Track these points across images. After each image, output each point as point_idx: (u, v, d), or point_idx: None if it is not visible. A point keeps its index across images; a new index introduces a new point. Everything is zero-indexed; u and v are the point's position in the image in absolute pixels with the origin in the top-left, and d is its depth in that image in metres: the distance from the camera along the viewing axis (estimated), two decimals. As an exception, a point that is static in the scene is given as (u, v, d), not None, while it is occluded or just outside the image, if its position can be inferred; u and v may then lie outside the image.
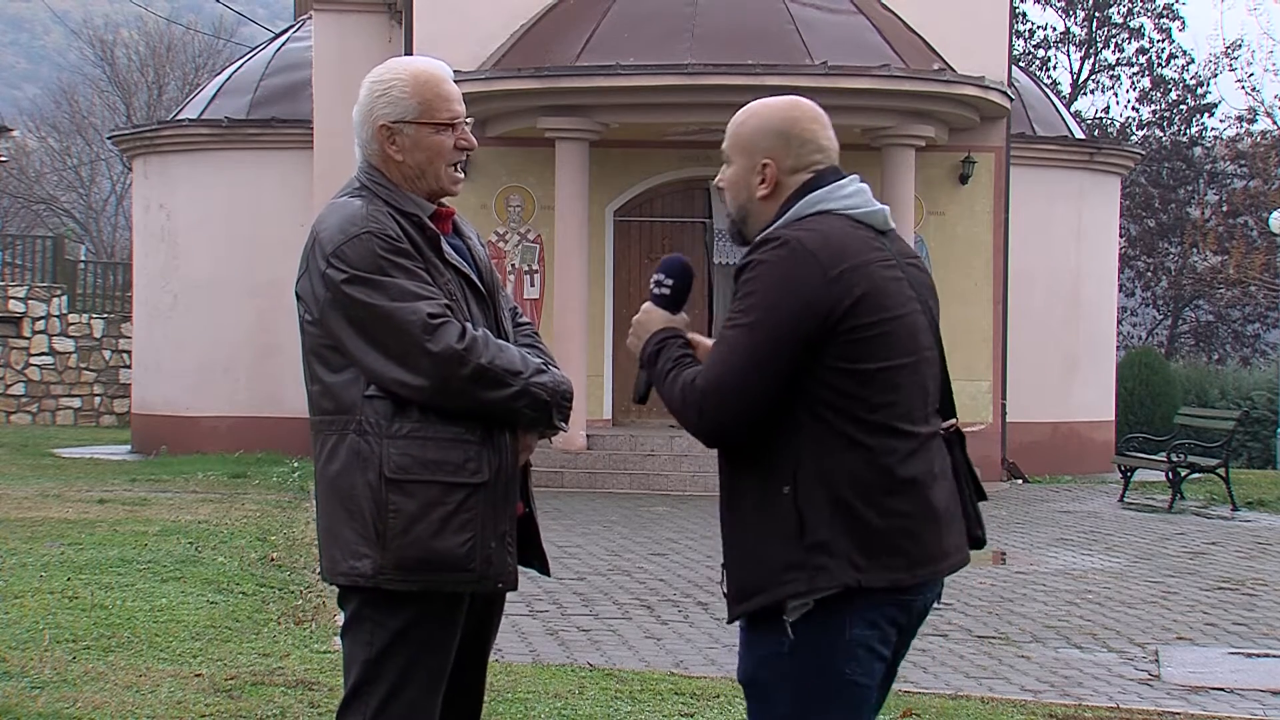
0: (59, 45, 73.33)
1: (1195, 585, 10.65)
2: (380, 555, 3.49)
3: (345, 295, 3.49)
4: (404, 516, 3.48)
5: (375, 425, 3.50)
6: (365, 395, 3.51)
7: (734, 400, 3.18)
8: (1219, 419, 19.06)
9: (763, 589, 3.23)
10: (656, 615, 8.83)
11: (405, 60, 3.74)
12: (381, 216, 3.55)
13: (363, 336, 3.49)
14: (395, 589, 3.50)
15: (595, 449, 17.23)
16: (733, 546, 3.32)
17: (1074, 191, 21.43)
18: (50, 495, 14.06)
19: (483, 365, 3.48)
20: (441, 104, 3.63)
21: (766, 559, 3.23)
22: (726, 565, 3.35)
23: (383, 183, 3.63)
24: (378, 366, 3.49)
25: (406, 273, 3.50)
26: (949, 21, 18.66)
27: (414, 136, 3.62)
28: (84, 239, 46.83)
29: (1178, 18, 41.64)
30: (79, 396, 29.20)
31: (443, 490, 3.49)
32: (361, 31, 19.99)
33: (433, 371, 3.46)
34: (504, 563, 3.58)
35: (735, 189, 3.43)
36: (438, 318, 3.47)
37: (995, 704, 6.78)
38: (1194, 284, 39.74)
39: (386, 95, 3.62)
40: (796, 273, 3.18)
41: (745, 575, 3.28)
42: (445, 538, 3.49)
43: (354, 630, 3.59)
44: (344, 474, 3.53)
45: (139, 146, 22.87)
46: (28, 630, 7.28)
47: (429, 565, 3.49)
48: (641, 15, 17.67)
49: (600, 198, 18.58)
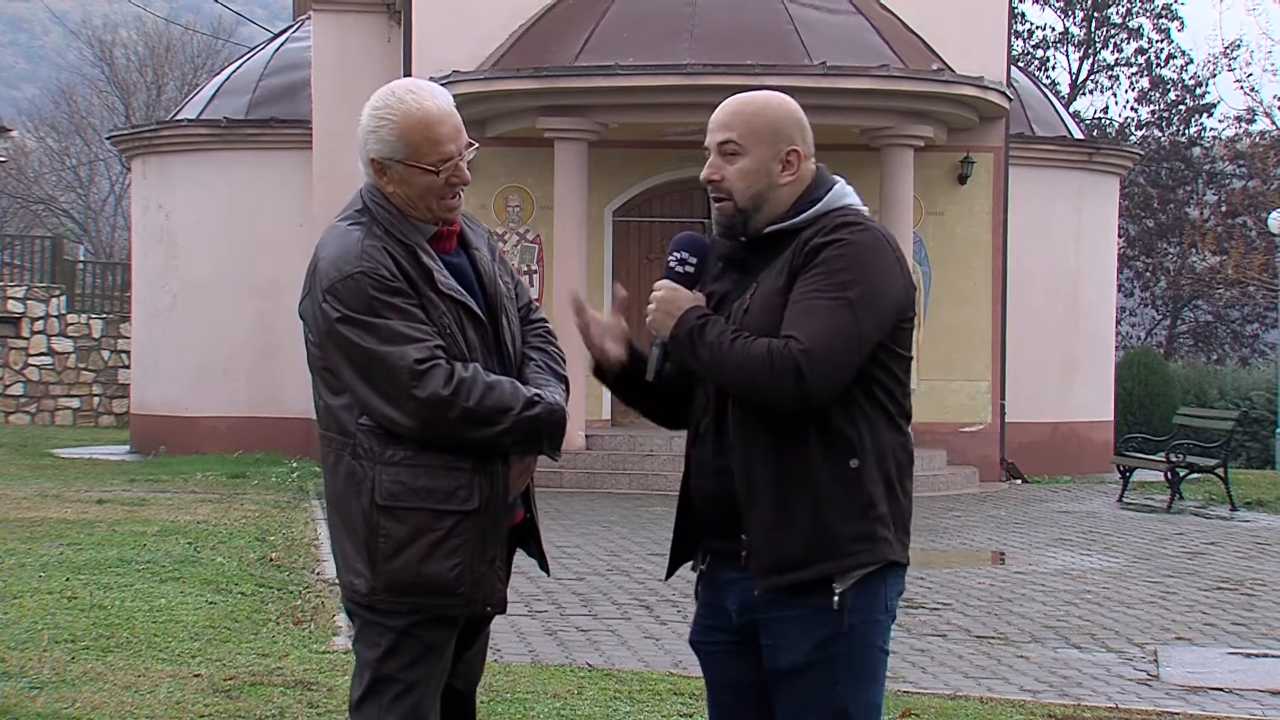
0: (58, 45, 73.28)
1: (1194, 585, 10.64)
2: (372, 577, 3.57)
3: (339, 333, 3.54)
4: (394, 541, 3.54)
5: (369, 451, 3.56)
6: (359, 423, 3.57)
7: (839, 367, 3.26)
8: (1218, 419, 19.06)
9: (819, 559, 3.29)
10: (655, 615, 8.83)
11: (404, 94, 3.63)
12: (376, 253, 3.54)
13: (356, 372, 3.54)
14: (386, 610, 3.58)
15: (594, 449, 17.22)
16: (779, 517, 3.31)
17: (1073, 192, 21.43)
18: (49, 495, 14.06)
19: (469, 408, 3.51)
20: (429, 148, 3.60)
21: (830, 530, 3.30)
22: (756, 536, 3.33)
23: (384, 205, 3.64)
24: (371, 401, 3.54)
25: (399, 312, 3.52)
26: (948, 22, 18.66)
27: (402, 174, 3.61)
28: (83, 239, 46.83)
29: (1176, 18, 41.66)
30: (78, 397, 29.20)
31: (432, 517, 3.54)
32: (361, 31, 19.98)
33: (419, 415, 3.50)
34: (493, 587, 3.63)
35: (753, 177, 3.42)
36: (425, 363, 3.49)
37: (994, 704, 6.78)
38: (1193, 284, 39.76)
39: (377, 134, 3.61)
40: (887, 256, 3.34)
41: (796, 545, 3.30)
42: (434, 563, 3.54)
43: (363, 636, 3.66)
44: (343, 495, 3.61)
45: (138, 146, 22.86)
46: (27, 630, 7.28)
47: (417, 589, 3.55)
48: (641, 15, 17.66)
49: (599, 198, 18.58)
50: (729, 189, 3.44)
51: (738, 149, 3.44)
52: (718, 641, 3.52)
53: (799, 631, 3.33)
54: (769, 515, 3.32)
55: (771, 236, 3.42)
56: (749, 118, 3.46)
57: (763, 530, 3.33)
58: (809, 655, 3.32)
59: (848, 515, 3.31)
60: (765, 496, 3.33)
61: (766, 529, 3.33)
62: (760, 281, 3.39)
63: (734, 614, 3.45)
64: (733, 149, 3.44)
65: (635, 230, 19.33)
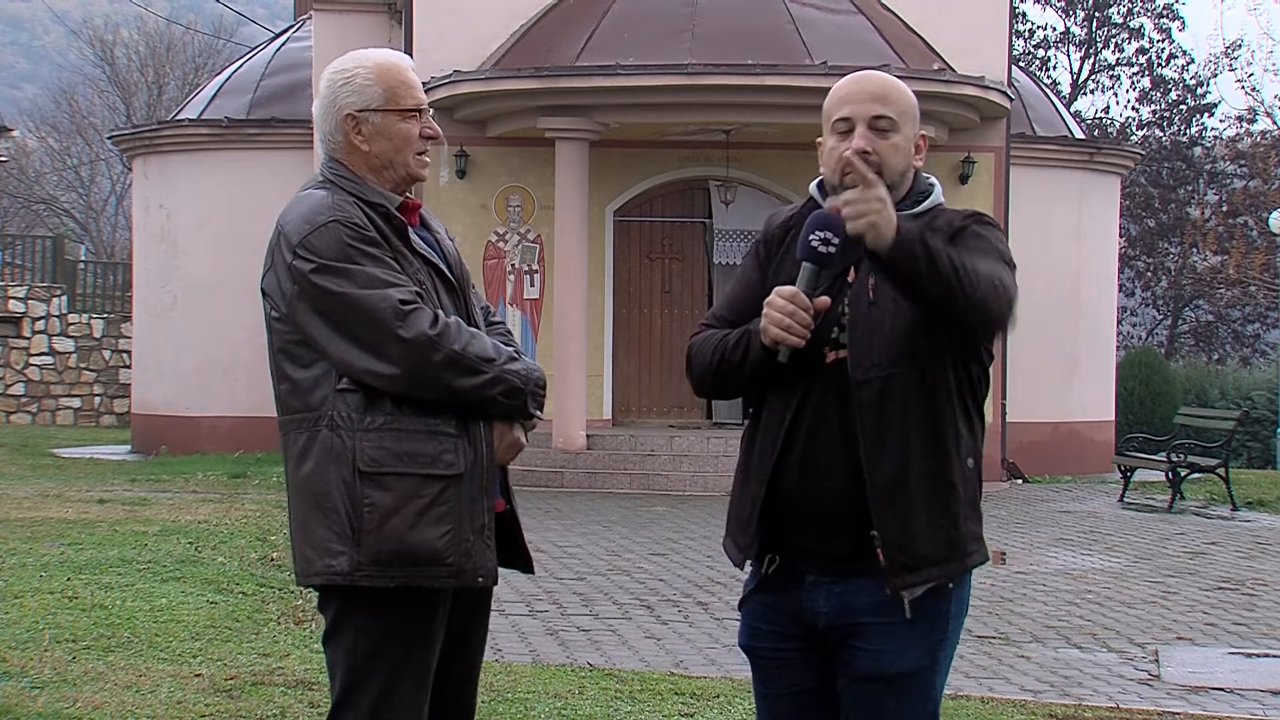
0: (59, 45, 73.29)
1: (1195, 585, 10.65)
2: (356, 551, 3.43)
3: (313, 285, 3.45)
4: (379, 510, 3.43)
5: (347, 419, 3.45)
6: (336, 389, 3.47)
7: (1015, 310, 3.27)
8: (1219, 419, 19.05)
9: (948, 559, 3.28)
10: (656, 615, 8.83)
11: (364, 51, 3.69)
12: (347, 205, 3.52)
13: (332, 327, 3.45)
14: (372, 585, 3.44)
15: (595, 449, 17.22)
16: (918, 516, 3.24)
17: (1074, 191, 21.43)
18: (50, 495, 14.06)
19: (456, 351, 3.44)
20: (406, 91, 3.60)
21: (958, 529, 3.29)
22: (894, 535, 3.23)
23: (346, 175, 3.60)
24: (349, 357, 3.44)
25: (375, 260, 3.47)
26: (949, 21, 18.66)
27: (379, 125, 3.59)
28: (84, 239, 46.85)
29: (1177, 18, 41.65)
30: (79, 396, 29.19)
31: (418, 482, 3.44)
32: (361, 31, 19.96)
33: (405, 358, 3.42)
34: (484, 557, 3.52)
35: (902, 155, 3.36)
36: (409, 304, 3.44)
37: (995, 704, 6.78)
38: (1194, 284, 39.75)
39: (350, 84, 3.59)
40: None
41: (930, 545, 3.25)
42: (422, 530, 3.43)
43: (336, 637, 3.54)
44: (317, 471, 3.47)
45: (139, 146, 22.87)
46: (28, 630, 7.28)
47: (406, 559, 3.43)
48: (641, 15, 17.66)
49: (600, 198, 18.57)
50: (880, 163, 3.29)
51: (892, 125, 3.34)
52: (779, 648, 3.40)
53: (908, 635, 3.27)
54: (908, 514, 3.24)
55: None
56: (901, 95, 3.37)
57: (902, 529, 3.23)
58: (918, 660, 3.29)
59: (969, 514, 3.31)
60: (904, 495, 3.24)
61: (905, 528, 3.23)
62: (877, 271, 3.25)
63: (823, 617, 3.32)
64: (887, 124, 3.33)
65: (636, 230, 19.34)
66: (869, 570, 3.27)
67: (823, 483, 3.28)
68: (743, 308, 3.40)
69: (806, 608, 3.34)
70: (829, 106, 3.42)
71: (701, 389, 3.47)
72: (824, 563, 3.31)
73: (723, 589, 9.64)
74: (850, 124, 3.34)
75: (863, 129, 3.32)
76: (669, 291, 19.38)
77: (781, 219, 3.50)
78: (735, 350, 3.31)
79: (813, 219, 3.22)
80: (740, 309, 3.41)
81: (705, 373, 3.39)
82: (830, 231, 3.18)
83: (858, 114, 3.33)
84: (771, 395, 3.36)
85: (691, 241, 19.41)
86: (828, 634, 3.33)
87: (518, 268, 18.70)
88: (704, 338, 3.41)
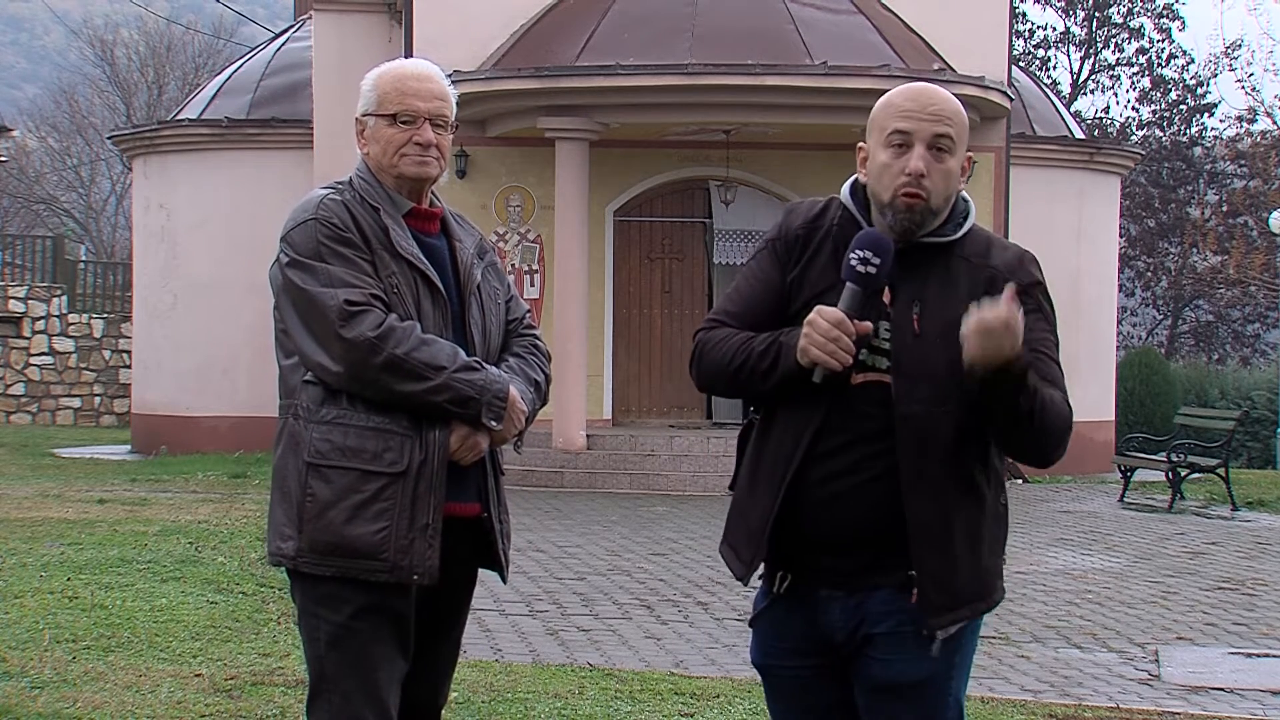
0: (59, 45, 73.30)
1: (1195, 585, 10.65)
2: (298, 538, 3.55)
3: (285, 278, 3.60)
4: (319, 502, 3.54)
5: (307, 410, 3.58)
6: (303, 380, 3.60)
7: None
8: (1219, 419, 19.05)
9: (978, 598, 3.28)
10: (656, 615, 8.83)
11: (396, 60, 3.87)
12: (333, 205, 3.62)
13: (298, 319, 3.58)
14: (311, 572, 3.55)
15: (595, 449, 17.22)
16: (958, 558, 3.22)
17: (1074, 191, 21.42)
18: (50, 495, 14.06)
19: (398, 356, 3.49)
20: (394, 97, 3.68)
21: (988, 567, 3.30)
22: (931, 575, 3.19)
23: (365, 175, 3.73)
24: (306, 349, 3.57)
25: (343, 260, 3.56)
26: (949, 21, 18.66)
27: (373, 129, 3.71)
28: (84, 239, 46.85)
29: (1178, 18, 41.67)
30: (79, 396, 29.19)
31: (358, 478, 3.53)
32: (361, 31, 19.99)
33: (344, 357, 3.50)
34: (424, 555, 3.54)
35: (952, 179, 3.22)
36: (356, 305, 3.51)
37: (995, 704, 6.78)
38: (1194, 284, 39.75)
39: (363, 89, 3.75)
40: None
41: (964, 584, 3.24)
42: (357, 525, 3.51)
43: (303, 622, 3.65)
44: (282, 457, 3.63)
45: (139, 146, 22.87)
46: (28, 630, 7.28)
47: (340, 551, 3.52)
48: (641, 15, 17.66)
49: (600, 197, 18.58)
50: (930, 187, 3.17)
51: (951, 146, 3.20)
52: (797, 665, 3.34)
53: (916, 644, 3.23)
54: (949, 552, 3.20)
55: (930, 247, 3.23)
56: (960, 115, 3.23)
57: (942, 567, 3.20)
58: (932, 668, 3.25)
59: (998, 551, 3.34)
60: (945, 534, 3.19)
61: (947, 566, 3.20)
62: (925, 301, 3.19)
63: (840, 630, 3.27)
64: (947, 145, 3.20)
65: (636, 230, 19.34)
66: (882, 582, 3.23)
67: (848, 506, 3.20)
68: (757, 307, 3.29)
69: (823, 622, 3.28)
70: (882, 116, 3.27)
71: (708, 386, 3.37)
72: (838, 578, 3.25)
73: (723, 589, 9.64)
74: (906, 138, 3.19)
75: (922, 149, 3.18)
76: (669, 291, 19.38)
77: (802, 218, 3.34)
78: (763, 359, 3.20)
79: (861, 237, 3.15)
80: (754, 308, 3.29)
81: (719, 372, 3.28)
82: (871, 251, 3.12)
83: (919, 132, 3.19)
84: (786, 406, 3.25)
85: (691, 241, 19.41)
86: (844, 647, 3.28)
87: (518, 268, 18.70)
88: (721, 336, 3.28)
